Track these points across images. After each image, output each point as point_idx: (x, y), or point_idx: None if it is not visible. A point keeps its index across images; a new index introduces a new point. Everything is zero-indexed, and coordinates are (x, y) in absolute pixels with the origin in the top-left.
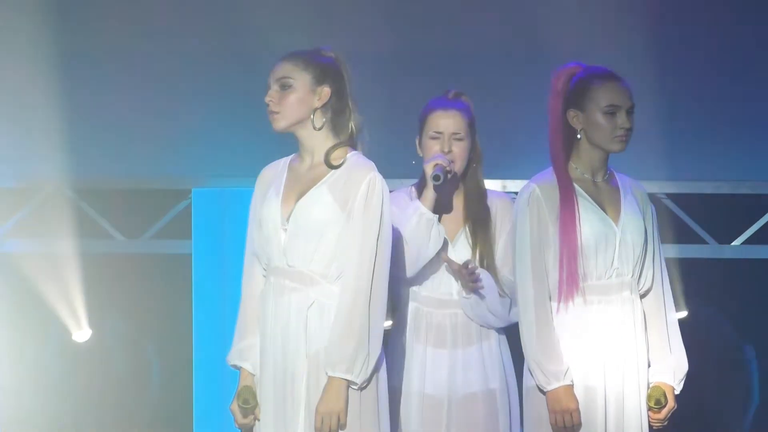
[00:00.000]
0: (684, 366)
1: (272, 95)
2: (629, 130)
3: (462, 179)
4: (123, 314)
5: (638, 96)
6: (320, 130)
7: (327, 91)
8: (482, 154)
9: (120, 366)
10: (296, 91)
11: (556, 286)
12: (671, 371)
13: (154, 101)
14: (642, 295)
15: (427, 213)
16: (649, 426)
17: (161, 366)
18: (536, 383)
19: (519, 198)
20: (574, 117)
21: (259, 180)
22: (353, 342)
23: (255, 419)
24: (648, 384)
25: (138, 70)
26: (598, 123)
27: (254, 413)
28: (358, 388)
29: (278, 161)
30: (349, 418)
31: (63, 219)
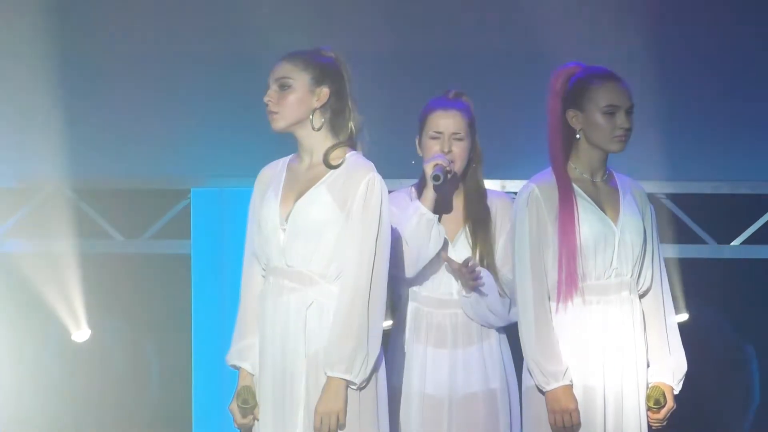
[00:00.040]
0: (683, 366)
1: (271, 95)
2: (628, 130)
3: (462, 179)
4: (122, 314)
5: (638, 96)
6: (319, 131)
7: (326, 92)
8: (482, 154)
9: (119, 366)
10: (295, 92)
11: (555, 286)
12: (670, 371)
13: (154, 101)
14: (641, 295)
15: (427, 213)
16: (648, 426)
17: (161, 366)
18: (535, 383)
19: (518, 198)
20: (574, 117)
21: (258, 180)
22: (352, 342)
23: (254, 419)
24: (647, 384)
25: (138, 70)
26: (598, 123)
27: (253, 413)
28: (357, 388)
29: (277, 161)
30: (349, 418)
31: (63, 219)
